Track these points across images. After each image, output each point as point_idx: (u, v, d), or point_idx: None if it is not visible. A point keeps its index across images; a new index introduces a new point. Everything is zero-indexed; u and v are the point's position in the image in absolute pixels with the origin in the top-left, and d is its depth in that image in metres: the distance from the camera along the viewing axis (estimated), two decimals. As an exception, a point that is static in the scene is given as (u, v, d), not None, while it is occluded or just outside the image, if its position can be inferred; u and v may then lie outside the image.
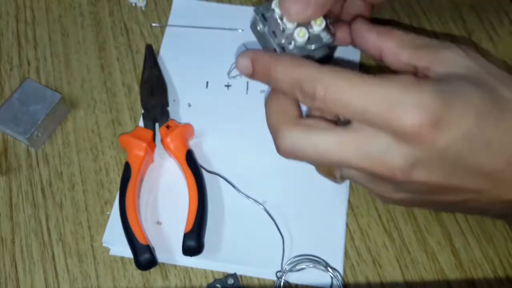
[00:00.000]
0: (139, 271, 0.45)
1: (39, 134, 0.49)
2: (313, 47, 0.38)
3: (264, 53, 0.36)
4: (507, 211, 0.35)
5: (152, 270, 0.45)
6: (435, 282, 0.44)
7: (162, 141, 0.48)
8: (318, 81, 0.31)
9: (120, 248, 0.45)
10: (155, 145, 0.49)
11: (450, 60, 0.33)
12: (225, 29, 0.55)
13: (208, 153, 0.49)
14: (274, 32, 0.38)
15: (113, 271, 0.45)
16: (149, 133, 0.49)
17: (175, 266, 0.45)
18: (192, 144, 0.49)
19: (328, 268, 0.43)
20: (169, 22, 0.56)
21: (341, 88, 0.31)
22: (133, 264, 0.44)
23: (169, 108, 0.51)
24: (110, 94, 0.53)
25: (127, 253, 0.44)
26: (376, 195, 0.36)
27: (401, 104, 0.30)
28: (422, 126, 0.29)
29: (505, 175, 0.32)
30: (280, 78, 0.33)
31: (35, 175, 0.49)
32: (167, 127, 0.48)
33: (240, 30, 0.55)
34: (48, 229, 0.47)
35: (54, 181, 0.49)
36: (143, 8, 0.58)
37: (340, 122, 0.35)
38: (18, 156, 0.50)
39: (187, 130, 0.48)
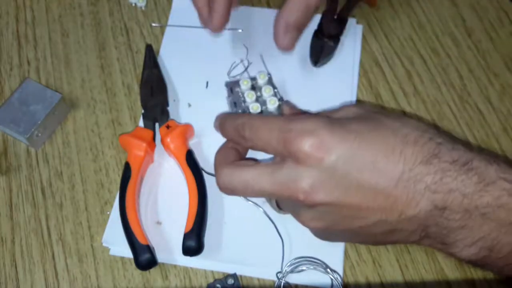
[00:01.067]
0: (139, 271, 0.45)
1: (39, 134, 0.49)
2: None
3: (223, 114, 0.45)
4: (419, 230, 0.36)
5: (152, 270, 0.45)
6: (435, 282, 0.44)
7: (162, 141, 0.48)
8: (246, 125, 0.39)
9: (120, 248, 0.45)
10: (155, 145, 0.49)
11: (343, 109, 0.40)
12: (225, 29, 0.55)
13: (208, 153, 0.49)
14: (235, 103, 0.50)
15: (113, 271, 0.45)
16: (149, 133, 0.49)
17: (175, 266, 0.45)
18: (192, 144, 0.49)
19: (328, 270, 0.43)
20: (169, 22, 0.56)
21: (258, 128, 0.38)
22: (133, 264, 0.44)
23: (169, 108, 0.51)
24: (110, 94, 0.53)
25: (127, 253, 0.44)
26: (302, 224, 0.40)
27: (293, 131, 0.36)
28: (311, 147, 0.35)
29: (399, 192, 0.34)
30: (227, 127, 0.42)
31: (35, 175, 0.49)
32: (167, 127, 0.48)
33: (240, 30, 0.55)
34: (48, 229, 0.47)
35: (54, 181, 0.49)
36: (143, 8, 0.58)
37: None
38: (18, 156, 0.50)
39: (187, 130, 0.48)
